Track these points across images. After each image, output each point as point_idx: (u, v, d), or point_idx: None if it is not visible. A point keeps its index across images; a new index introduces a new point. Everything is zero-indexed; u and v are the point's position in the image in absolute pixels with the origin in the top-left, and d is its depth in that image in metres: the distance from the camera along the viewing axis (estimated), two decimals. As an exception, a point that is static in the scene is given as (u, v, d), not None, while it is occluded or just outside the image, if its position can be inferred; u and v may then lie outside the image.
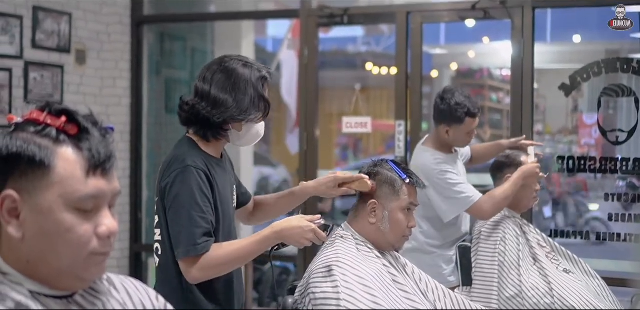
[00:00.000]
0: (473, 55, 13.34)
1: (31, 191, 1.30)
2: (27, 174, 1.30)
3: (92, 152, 1.32)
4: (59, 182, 1.30)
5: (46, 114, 1.34)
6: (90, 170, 1.32)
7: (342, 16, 5.37)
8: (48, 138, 1.32)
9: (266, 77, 2.71)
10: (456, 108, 3.82)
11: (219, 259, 2.56)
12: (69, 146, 1.32)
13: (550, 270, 3.60)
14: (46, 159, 1.30)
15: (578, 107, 11.39)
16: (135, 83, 5.96)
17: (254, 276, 6.32)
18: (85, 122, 1.34)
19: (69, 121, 1.33)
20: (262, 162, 11.83)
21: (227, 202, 2.72)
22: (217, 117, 2.68)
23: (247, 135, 2.79)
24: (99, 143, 1.34)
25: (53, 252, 1.32)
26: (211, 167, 2.67)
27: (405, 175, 2.74)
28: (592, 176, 4.87)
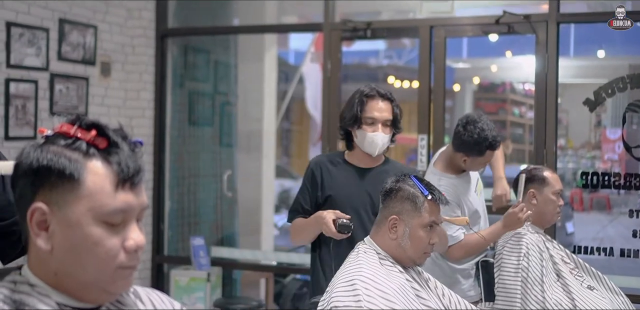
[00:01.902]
0: (495, 70, 13.33)
1: (60, 204, 1.31)
2: (57, 187, 1.31)
3: (121, 166, 1.33)
4: (88, 196, 1.31)
5: (76, 127, 1.35)
6: (119, 184, 1.33)
7: (365, 30, 5.39)
8: (78, 151, 1.33)
9: (364, 93, 3.29)
10: (478, 141, 3.64)
11: (291, 227, 3.49)
12: (98, 160, 1.33)
13: (574, 286, 3.58)
14: (76, 172, 1.31)
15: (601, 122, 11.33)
16: (158, 95, 5.99)
17: (275, 289, 6.32)
18: (115, 136, 1.35)
19: (98, 135, 1.34)
20: (283, 174, 11.85)
21: (341, 196, 3.32)
22: (339, 127, 3.39)
23: (364, 142, 3.27)
24: (128, 157, 1.34)
25: (81, 265, 1.32)
26: (333, 167, 3.36)
27: (427, 191, 2.71)
28: (615, 192, 4.83)
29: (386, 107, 3.23)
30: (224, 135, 6.42)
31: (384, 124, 3.21)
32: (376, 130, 3.20)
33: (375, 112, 3.21)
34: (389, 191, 2.76)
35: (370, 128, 3.21)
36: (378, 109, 3.22)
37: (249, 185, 6.83)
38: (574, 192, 10.92)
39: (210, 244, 6.00)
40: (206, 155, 6.34)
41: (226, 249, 6.18)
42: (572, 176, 10.93)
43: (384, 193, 2.77)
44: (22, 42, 4.97)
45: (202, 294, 5.52)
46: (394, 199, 2.73)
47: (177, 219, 6.12)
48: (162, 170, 6.03)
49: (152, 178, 5.95)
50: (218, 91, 6.48)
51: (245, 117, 6.82)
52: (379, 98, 3.23)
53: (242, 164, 6.72)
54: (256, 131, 7.01)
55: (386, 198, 2.76)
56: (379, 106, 3.22)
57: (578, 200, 11.15)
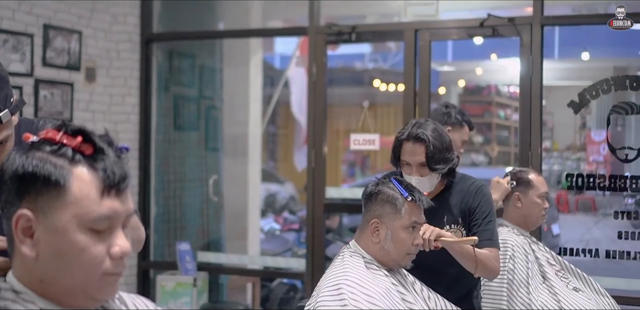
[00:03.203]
0: (480, 72, 13.37)
1: (46, 211, 1.31)
2: (42, 194, 1.31)
3: (107, 173, 1.33)
4: (74, 202, 1.31)
5: (62, 133, 1.34)
6: (105, 191, 1.32)
7: (350, 34, 5.40)
8: (64, 158, 1.32)
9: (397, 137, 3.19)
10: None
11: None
12: (84, 166, 1.32)
13: (560, 288, 3.59)
14: (61, 178, 1.30)
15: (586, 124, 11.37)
16: (144, 100, 5.98)
17: (261, 293, 6.31)
18: (101, 142, 1.35)
19: (84, 141, 1.34)
20: (269, 178, 11.84)
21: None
22: None
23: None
24: (114, 163, 1.34)
25: (66, 272, 1.32)
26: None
27: (407, 193, 2.71)
28: (601, 194, 4.86)
29: (419, 150, 3.11)
30: (209, 139, 6.42)
31: (418, 166, 3.13)
32: (411, 174, 3.14)
33: (407, 156, 3.13)
34: (369, 195, 2.76)
35: (407, 170, 3.17)
36: (410, 152, 3.13)
37: (235, 189, 6.82)
38: (560, 194, 10.95)
39: (197, 249, 5.98)
40: (192, 160, 6.32)
41: (212, 253, 6.17)
42: (558, 178, 10.96)
43: (365, 197, 2.78)
44: (7, 48, 4.95)
45: (188, 299, 5.50)
46: (374, 202, 2.74)
47: (163, 223, 6.11)
48: (148, 175, 6.01)
49: (138, 183, 5.94)
50: (203, 96, 6.48)
51: (230, 121, 6.81)
52: (410, 140, 3.12)
53: (228, 168, 6.71)
54: (242, 135, 7.01)
55: (367, 202, 2.77)
56: (410, 149, 3.13)
57: (564, 202, 11.19)
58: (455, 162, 3.17)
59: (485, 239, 3.09)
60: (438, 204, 3.16)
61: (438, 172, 3.13)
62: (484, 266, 3.03)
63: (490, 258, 3.06)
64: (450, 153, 3.14)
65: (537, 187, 3.82)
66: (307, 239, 5.57)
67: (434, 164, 3.09)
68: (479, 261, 2.97)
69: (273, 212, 10.96)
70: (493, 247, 3.11)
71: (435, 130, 3.14)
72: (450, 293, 2.99)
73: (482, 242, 3.07)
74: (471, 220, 3.16)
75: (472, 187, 3.20)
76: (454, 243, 2.91)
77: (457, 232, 3.15)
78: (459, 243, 2.93)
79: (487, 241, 3.10)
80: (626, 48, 6.57)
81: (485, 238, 3.10)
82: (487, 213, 3.16)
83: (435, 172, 3.12)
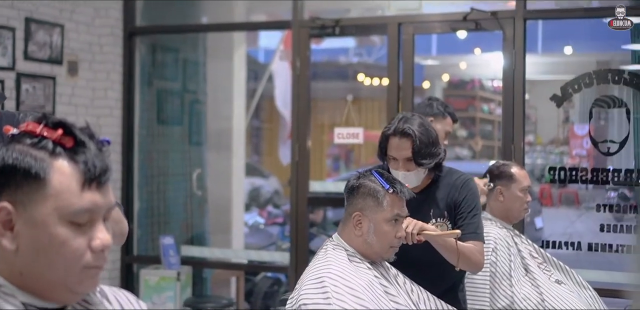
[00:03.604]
0: (464, 67, 13.39)
1: (26, 204, 1.30)
2: (23, 187, 1.30)
3: (87, 166, 1.32)
4: (54, 195, 1.30)
5: (42, 126, 1.33)
6: (85, 184, 1.32)
7: (334, 27, 5.39)
8: (44, 150, 1.31)
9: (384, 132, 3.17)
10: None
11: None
12: (64, 159, 1.32)
13: (542, 281, 3.61)
14: (42, 171, 1.30)
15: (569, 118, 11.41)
16: (126, 94, 5.96)
17: (245, 287, 6.31)
18: (82, 135, 1.34)
19: (65, 134, 1.33)
20: (253, 173, 11.83)
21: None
22: None
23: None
24: (95, 156, 1.33)
25: (46, 265, 1.31)
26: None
27: (388, 185, 2.71)
28: (584, 187, 4.88)
29: (405, 145, 3.09)
30: (193, 133, 6.40)
31: (405, 161, 3.12)
32: (398, 168, 3.13)
33: (394, 151, 3.12)
34: (351, 189, 2.76)
35: (394, 165, 3.15)
36: (396, 147, 3.11)
37: (219, 183, 6.81)
38: (543, 187, 10.99)
39: (180, 243, 5.98)
40: (175, 154, 6.31)
41: (196, 247, 6.17)
42: (541, 172, 11.00)
43: (347, 191, 2.78)
44: (-12, 41, 4.92)
45: (172, 293, 5.50)
46: (356, 195, 2.74)
47: (147, 218, 6.09)
48: (131, 169, 6.00)
49: (121, 177, 5.92)
50: (187, 90, 6.46)
51: (214, 115, 6.80)
52: (397, 135, 3.10)
53: (212, 162, 6.70)
54: (226, 129, 7.00)
55: (349, 195, 2.77)
56: (398, 145, 3.11)
57: (547, 195, 11.23)
58: (441, 157, 3.17)
59: (469, 232, 3.10)
60: (424, 197, 3.18)
61: (425, 167, 3.13)
62: (468, 259, 3.03)
63: (474, 251, 3.06)
64: (437, 148, 3.14)
65: (519, 180, 3.83)
66: (291, 232, 5.57)
67: (421, 158, 3.09)
68: (462, 254, 2.98)
69: (257, 206, 10.95)
70: (477, 240, 3.11)
71: (421, 124, 3.13)
72: (435, 286, 2.99)
73: (467, 236, 3.07)
74: (457, 214, 3.16)
75: (459, 181, 3.20)
76: (436, 236, 2.92)
77: (443, 226, 3.16)
78: (441, 236, 2.93)
79: (472, 234, 3.10)
80: (609, 42, 6.58)
81: (469, 231, 3.10)
82: (473, 207, 3.16)
83: (421, 167, 3.12)
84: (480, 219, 3.19)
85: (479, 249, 3.11)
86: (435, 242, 2.95)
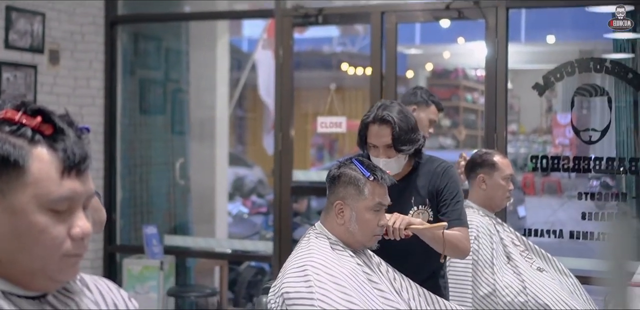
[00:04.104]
0: (448, 56, 13.40)
1: (5, 191, 1.29)
2: (1, 174, 1.29)
3: (67, 153, 1.31)
4: (33, 183, 1.29)
5: (21, 113, 1.32)
6: (65, 171, 1.31)
7: (317, 16, 5.38)
8: (23, 138, 1.30)
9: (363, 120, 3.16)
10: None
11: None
12: (44, 146, 1.30)
13: (524, 268, 3.63)
14: (20, 159, 1.29)
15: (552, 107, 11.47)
16: (109, 83, 5.93)
17: (229, 276, 6.31)
18: (61, 123, 1.33)
19: (44, 121, 1.32)
20: (237, 162, 11.81)
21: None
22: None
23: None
24: (75, 144, 1.32)
25: (26, 253, 1.30)
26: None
27: (368, 173, 2.71)
28: (567, 176, 4.90)
29: (384, 132, 3.09)
30: (176, 123, 6.38)
31: (385, 148, 3.11)
32: (378, 155, 3.12)
33: (374, 138, 3.12)
34: (332, 178, 2.76)
35: (374, 153, 3.14)
36: (375, 134, 3.11)
37: (202, 173, 6.80)
38: (526, 176, 11.05)
39: (163, 233, 5.96)
40: (158, 144, 6.29)
41: (179, 237, 6.16)
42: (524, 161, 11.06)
43: (329, 180, 2.78)
44: (-32, 30, 4.88)
45: (155, 282, 5.49)
46: (337, 184, 2.74)
47: (129, 207, 6.08)
48: (113, 159, 5.97)
49: (103, 167, 5.90)
50: (169, 79, 6.43)
51: (197, 104, 6.78)
52: (376, 123, 3.10)
53: (195, 151, 6.68)
54: (209, 119, 6.98)
55: (331, 185, 2.76)
56: (378, 132, 3.11)
57: (530, 184, 11.29)
58: (421, 143, 3.17)
59: (454, 219, 3.11)
60: (405, 185, 3.19)
61: (405, 153, 3.13)
62: (455, 247, 3.04)
63: (462, 239, 3.08)
64: (416, 134, 3.14)
65: (501, 169, 3.84)
66: (274, 222, 5.57)
67: (400, 145, 3.09)
68: (450, 243, 2.98)
69: (241, 196, 10.94)
70: (462, 226, 3.13)
71: (400, 111, 3.13)
72: (417, 275, 3.01)
73: (452, 222, 3.09)
74: (439, 201, 3.17)
75: (439, 169, 3.20)
76: (424, 230, 2.92)
77: (425, 213, 3.17)
78: (429, 230, 2.93)
79: (456, 221, 3.12)
80: (592, 31, 6.61)
81: (453, 218, 3.12)
82: (455, 193, 3.16)
83: (401, 153, 3.12)
84: (462, 206, 3.20)
85: (465, 235, 3.13)
86: (422, 235, 2.95)
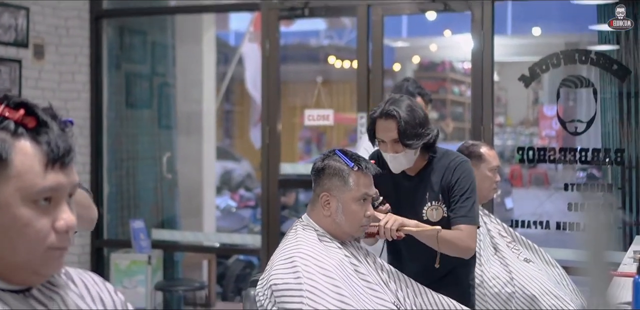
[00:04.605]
0: (435, 49, 13.41)
1: (-13, 185, 1.29)
2: None
3: (50, 146, 1.30)
4: (17, 176, 1.28)
5: (4, 106, 1.31)
6: (48, 164, 1.30)
7: (303, 9, 5.37)
8: (6, 131, 1.29)
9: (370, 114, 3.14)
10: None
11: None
12: (27, 140, 1.30)
13: (511, 259, 3.64)
14: (3, 152, 1.28)
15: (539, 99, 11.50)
16: (94, 77, 5.91)
17: (217, 270, 6.31)
18: (44, 116, 1.32)
19: (27, 114, 1.31)
20: (225, 156, 11.80)
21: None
22: None
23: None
24: (58, 137, 1.31)
25: (10, 247, 1.30)
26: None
27: (352, 163, 2.71)
28: (553, 167, 4.92)
29: (390, 126, 3.05)
30: (162, 117, 6.36)
31: (392, 142, 3.07)
32: (386, 150, 3.10)
33: (381, 133, 3.09)
34: (317, 171, 2.76)
35: (383, 148, 3.11)
36: (382, 129, 3.07)
37: (189, 167, 6.79)
38: (513, 168, 11.09)
39: (151, 227, 5.95)
40: (145, 138, 6.27)
41: (167, 231, 6.15)
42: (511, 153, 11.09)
43: (314, 173, 2.78)
44: (-49, 24, 4.85)
45: (143, 277, 5.48)
46: (322, 176, 2.73)
47: (116, 202, 6.06)
48: (100, 153, 5.96)
49: (90, 161, 5.88)
50: (156, 72, 6.41)
51: (184, 98, 6.76)
52: (382, 117, 3.07)
53: (182, 145, 6.67)
54: (196, 112, 6.97)
55: (316, 178, 2.76)
56: (384, 127, 3.07)
57: (517, 176, 11.33)
58: (431, 137, 3.10)
59: (460, 215, 3.04)
60: (420, 180, 3.15)
61: (412, 148, 3.07)
62: (455, 246, 2.99)
63: (462, 237, 3.00)
64: (424, 128, 3.07)
65: (488, 160, 3.84)
66: (262, 215, 5.57)
67: (406, 139, 3.03)
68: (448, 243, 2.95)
69: (229, 190, 10.94)
70: (468, 223, 3.04)
71: (409, 106, 3.08)
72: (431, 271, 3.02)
73: (457, 219, 3.03)
74: (450, 197, 3.10)
75: (453, 163, 3.14)
76: (416, 232, 2.91)
77: (439, 209, 3.11)
78: (423, 232, 2.91)
79: (462, 218, 3.04)
80: (577, 23, 6.63)
81: (460, 215, 3.04)
82: (466, 189, 3.08)
83: (409, 148, 3.06)
84: (474, 202, 3.10)
85: (468, 233, 3.03)
86: (417, 235, 2.94)
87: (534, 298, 3.51)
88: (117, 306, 1.49)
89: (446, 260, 3.05)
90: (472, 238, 3.05)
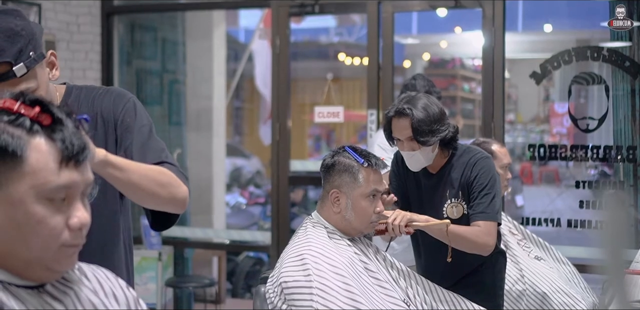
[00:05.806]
0: (445, 45, 13.37)
1: (2, 182, 1.29)
2: None
3: (65, 144, 1.31)
4: (31, 173, 1.29)
5: (20, 103, 1.32)
6: (63, 162, 1.30)
7: (313, 6, 5.37)
8: (21, 128, 1.30)
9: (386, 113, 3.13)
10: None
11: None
12: (42, 137, 1.30)
13: (522, 257, 3.64)
14: (19, 149, 1.28)
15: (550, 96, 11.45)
16: (105, 74, 5.92)
17: (227, 267, 6.32)
18: (59, 113, 1.33)
19: (42, 111, 1.32)
20: (234, 153, 11.80)
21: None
22: None
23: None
24: (73, 134, 1.32)
25: (23, 244, 1.30)
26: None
27: (362, 159, 2.71)
28: (564, 165, 4.91)
29: (404, 124, 3.04)
30: (172, 113, 6.37)
31: (408, 140, 3.07)
32: (403, 149, 3.10)
33: (396, 131, 3.09)
34: (326, 167, 2.76)
35: (400, 146, 3.11)
36: (397, 128, 3.08)
37: (199, 163, 6.79)
38: (524, 165, 11.05)
39: (162, 224, 5.95)
40: (155, 134, 6.27)
41: (177, 227, 6.14)
42: (522, 150, 11.06)
43: (324, 170, 2.77)
44: (-37, 21, 4.86)
45: (153, 273, 5.50)
46: (332, 173, 2.73)
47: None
48: (111, 149, 5.96)
49: (101, 158, 5.88)
50: (166, 69, 6.42)
51: (194, 95, 6.77)
52: (396, 116, 3.07)
53: (192, 142, 6.68)
54: (206, 109, 6.97)
55: (326, 174, 2.76)
56: (398, 125, 3.07)
57: (528, 174, 11.30)
58: (447, 134, 3.07)
59: (478, 212, 3.01)
60: (440, 177, 3.14)
61: (428, 145, 3.05)
62: (470, 243, 2.95)
63: (479, 234, 2.96)
64: (439, 124, 3.04)
65: (499, 158, 3.84)
66: (272, 212, 5.57)
67: (420, 136, 3.01)
68: (463, 239, 2.92)
69: (239, 187, 10.94)
70: (486, 220, 2.99)
71: (423, 102, 3.06)
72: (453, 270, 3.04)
73: (475, 216, 3.00)
74: (470, 193, 3.08)
75: (472, 160, 3.11)
76: (425, 227, 2.90)
77: (459, 206, 3.09)
78: (433, 226, 2.90)
79: (480, 214, 3.00)
80: (589, 20, 6.61)
81: (478, 211, 3.01)
82: (485, 185, 3.04)
83: (424, 145, 3.05)
84: (493, 198, 3.04)
85: (484, 229, 2.98)
86: (428, 231, 2.93)
87: (545, 296, 3.50)
88: (130, 302, 1.50)
89: (464, 258, 3.05)
90: (490, 234, 2.99)
